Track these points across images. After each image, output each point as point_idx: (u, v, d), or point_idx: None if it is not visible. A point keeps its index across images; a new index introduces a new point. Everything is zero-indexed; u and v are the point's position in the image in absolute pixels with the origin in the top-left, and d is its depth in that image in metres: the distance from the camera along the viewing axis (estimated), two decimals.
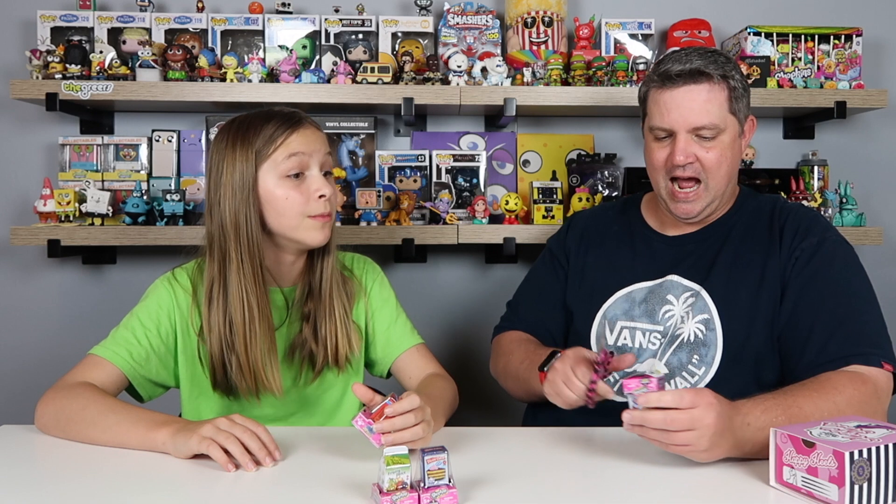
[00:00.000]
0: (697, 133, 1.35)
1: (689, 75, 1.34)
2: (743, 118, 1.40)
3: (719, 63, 1.36)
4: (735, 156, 1.40)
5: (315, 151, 1.31)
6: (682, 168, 1.36)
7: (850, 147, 2.23)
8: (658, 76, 1.38)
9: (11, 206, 2.12)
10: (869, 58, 2.16)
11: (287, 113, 1.33)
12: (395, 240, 1.93)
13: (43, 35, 1.99)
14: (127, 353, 1.29)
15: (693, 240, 1.45)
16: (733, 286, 1.37)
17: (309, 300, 1.39)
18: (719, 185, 1.38)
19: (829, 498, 0.93)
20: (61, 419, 1.20)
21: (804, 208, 1.46)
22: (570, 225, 1.63)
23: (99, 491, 1.02)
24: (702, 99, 1.34)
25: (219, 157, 1.31)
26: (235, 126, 1.32)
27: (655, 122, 1.39)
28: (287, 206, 1.29)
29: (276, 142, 1.29)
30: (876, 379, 1.22)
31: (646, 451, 1.17)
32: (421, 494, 0.94)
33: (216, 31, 2.03)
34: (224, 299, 1.29)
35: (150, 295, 1.35)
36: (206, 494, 1.01)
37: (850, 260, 1.36)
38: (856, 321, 1.28)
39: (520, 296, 1.63)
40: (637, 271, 1.46)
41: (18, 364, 2.14)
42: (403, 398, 1.10)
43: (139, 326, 1.31)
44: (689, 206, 1.39)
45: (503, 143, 2.16)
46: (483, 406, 2.16)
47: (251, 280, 1.28)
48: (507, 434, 1.30)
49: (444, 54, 2.03)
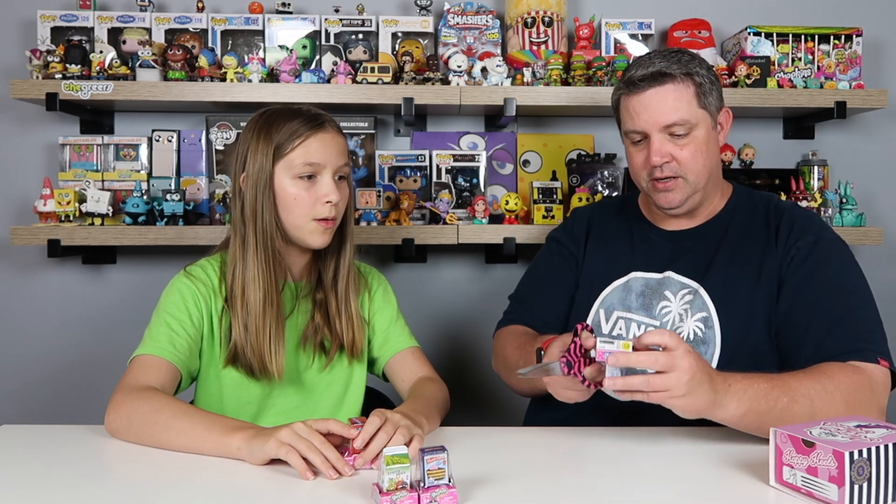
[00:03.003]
0: (670, 132, 1.38)
1: (653, 78, 1.38)
2: (715, 111, 1.43)
3: (683, 62, 1.39)
4: (712, 149, 1.42)
5: (330, 158, 1.36)
6: (659, 168, 1.39)
7: (850, 147, 2.23)
8: (624, 83, 1.42)
9: (11, 206, 2.11)
10: (869, 58, 2.16)
11: (312, 115, 1.37)
12: (395, 240, 1.93)
13: (43, 35, 1.99)
14: (171, 346, 1.30)
15: (690, 236, 1.46)
16: (731, 285, 1.37)
17: (319, 291, 1.44)
18: (699, 179, 1.40)
19: (828, 498, 0.93)
20: (134, 423, 1.19)
21: (799, 207, 1.47)
22: (574, 217, 1.65)
23: (99, 491, 1.02)
24: (669, 98, 1.37)
25: (244, 147, 1.38)
26: (264, 118, 1.37)
27: (628, 127, 1.43)
28: (295, 205, 1.35)
29: (294, 143, 1.34)
30: (871, 372, 1.22)
31: (646, 451, 1.17)
32: (421, 494, 0.94)
33: (216, 31, 2.03)
34: (243, 281, 1.34)
35: (170, 292, 1.37)
36: (206, 494, 1.01)
37: (846, 258, 1.37)
38: (852, 318, 1.28)
39: (525, 287, 1.63)
40: (636, 262, 1.47)
41: (18, 364, 2.14)
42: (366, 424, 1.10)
43: (172, 320, 1.33)
44: (670, 195, 1.41)
45: (503, 143, 2.16)
46: (483, 406, 2.17)
47: (265, 267, 1.34)
48: (507, 434, 1.30)
49: (444, 54, 2.03)
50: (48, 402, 2.13)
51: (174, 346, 1.30)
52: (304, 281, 1.45)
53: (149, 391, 1.22)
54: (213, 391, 1.38)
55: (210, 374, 1.38)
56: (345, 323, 1.42)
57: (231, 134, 2.04)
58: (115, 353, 2.13)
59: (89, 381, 2.13)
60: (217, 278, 1.38)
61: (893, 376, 1.26)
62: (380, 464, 0.96)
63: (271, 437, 1.07)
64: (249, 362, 1.34)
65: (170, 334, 1.31)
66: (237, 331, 1.34)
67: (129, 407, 1.20)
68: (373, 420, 1.10)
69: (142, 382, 1.24)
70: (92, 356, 2.13)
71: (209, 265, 1.41)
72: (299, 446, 1.05)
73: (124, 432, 1.20)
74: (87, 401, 2.11)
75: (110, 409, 1.22)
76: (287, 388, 1.40)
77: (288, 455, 1.05)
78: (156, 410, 1.18)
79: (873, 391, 1.21)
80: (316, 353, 1.42)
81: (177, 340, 1.31)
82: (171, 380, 1.28)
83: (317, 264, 1.46)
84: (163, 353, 1.29)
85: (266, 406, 1.40)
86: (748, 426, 1.16)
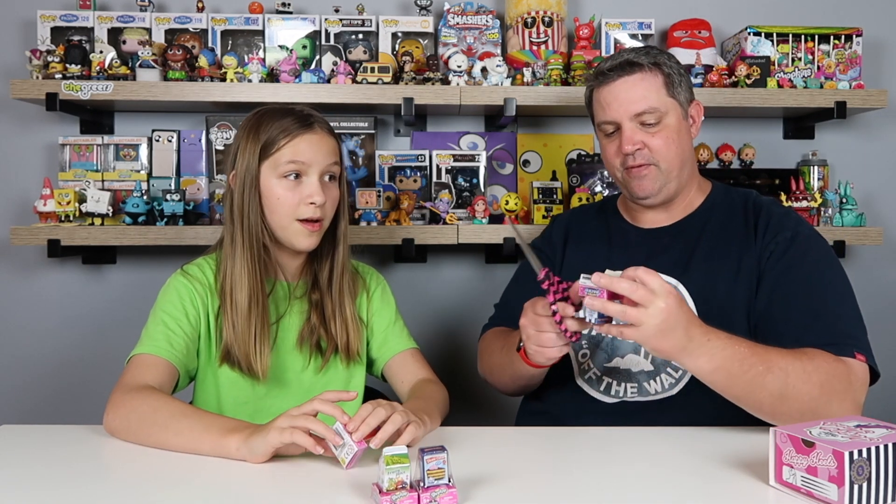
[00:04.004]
0: (641, 120, 1.41)
1: (621, 67, 1.41)
2: (685, 101, 1.45)
3: (651, 54, 1.43)
4: (684, 139, 1.44)
5: (316, 158, 1.35)
6: (632, 157, 1.41)
7: (850, 147, 2.23)
8: (594, 75, 1.47)
9: (11, 206, 2.11)
10: (869, 58, 2.16)
11: (302, 115, 1.37)
12: (395, 240, 1.93)
13: (43, 35, 1.99)
14: (168, 345, 1.30)
15: (668, 233, 1.47)
16: (711, 280, 1.38)
17: (315, 291, 1.43)
18: (671, 167, 1.42)
19: (828, 497, 0.93)
20: (132, 423, 1.18)
21: (777, 204, 1.48)
22: (552, 224, 1.68)
23: (99, 491, 1.02)
24: (638, 87, 1.40)
25: (236, 144, 1.39)
26: (256, 117, 1.38)
27: (600, 118, 1.45)
28: (278, 205, 1.35)
29: (280, 143, 1.33)
30: (851, 365, 1.22)
31: (646, 451, 1.17)
32: (420, 494, 0.94)
33: (216, 31, 2.03)
34: (231, 279, 1.34)
35: (167, 291, 1.37)
36: (206, 494, 1.01)
37: (824, 253, 1.38)
38: (830, 314, 1.29)
39: (508, 293, 1.65)
40: (613, 262, 1.46)
41: (18, 364, 2.14)
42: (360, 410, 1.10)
43: (169, 319, 1.33)
44: (644, 182, 1.42)
45: (503, 143, 2.16)
46: (483, 406, 2.17)
47: (251, 266, 1.34)
48: (508, 433, 1.30)
49: (444, 54, 2.03)
50: (48, 402, 2.14)
51: (171, 344, 1.30)
52: (300, 281, 1.45)
53: (147, 390, 1.22)
54: (211, 390, 1.38)
55: (207, 373, 1.38)
56: (339, 325, 1.42)
57: (231, 134, 2.04)
58: (115, 353, 2.13)
59: (89, 381, 2.13)
60: (213, 277, 1.39)
61: (873, 372, 1.26)
62: (380, 464, 0.96)
63: (270, 429, 1.07)
64: (239, 361, 1.34)
65: (167, 333, 1.31)
66: (227, 329, 1.34)
67: (128, 407, 1.20)
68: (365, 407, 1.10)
69: (140, 382, 1.24)
70: (92, 356, 2.13)
71: (206, 264, 1.41)
72: (300, 424, 1.06)
73: (123, 432, 1.19)
74: (87, 401, 2.12)
75: (109, 409, 1.22)
76: (284, 389, 1.40)
77: (293, 436, 1.05)
78: (154, 410, 1.18)
79: (851, 383, 1.21)
80: (312, 353, 1.42)
81: (174, 339, 1.31)
82: (168, 379, 1.28)
83: (312, 265, 1.46)
84: (160, 351, 1.29)
85: (263, 406, 1.39)
86: (716, 383, 1.17)
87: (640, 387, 1.38)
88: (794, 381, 1.16)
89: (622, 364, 1.39)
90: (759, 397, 1.17)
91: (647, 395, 1.37)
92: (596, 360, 1.42)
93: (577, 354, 1.45)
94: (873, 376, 1.26)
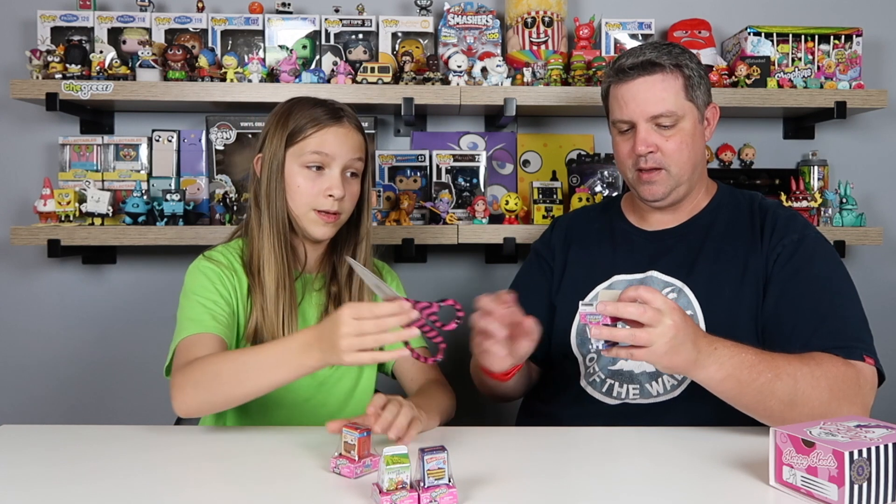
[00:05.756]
0: (656, 122, 1.39)
1: (642, 67, 1.39)
2: (702, 105, 1.43)
3: (673, 54, 1.40)
4: (697, 142, 1.42)
5: (340, 153, 1.37)
6: (644, 159, 1.40)
7: (850, 147, 2.23)
8: (614, 71, 1.43)
9: (11, 206, 2.11)
10: (869, 58, 2.16)
11: (333, 108, 1.39)
12: (395, 240, 1.93)
13: (43, 35, 1.99)
14: (213, 320, 1.30)
15: (673, 235, 1.47)
16: (716, 282, 1.38)
17: (334, 284, 1.45)
18: (682, 171, 1.41)
19: (828, 497, 0.93)
20: (202, 388, 1.18)
21: (783, 206, 1.48)
22: (554, 226, 1.66)
23: (99, 491, 1.02)
24: (657, 88, 1.38)
25: (266, 129, 1.41)
26: (289, 105, 1.40)
27: (616, 116, 1.44)
28: (297, 193, 1.37)
29: (307, 132, 1.36)
30: (859, 368, 1.22)
31: (647, 451, 1.17)
32: (421, 494, 0.94)
33: (216, 31, 2.03)
34: (259, 261, 1.36)
35: (194, 275, 1.37)
36: (206, 494, 1.01)
37: (830, 257, 1.38)
38: (837, 317, 1.29)
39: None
40: (618, 265, 1.47)
41: (18, 364, 2.13)
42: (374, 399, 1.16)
43: (205, 299, 1.33)
44: (654, 187, 1.41)
45: (503, 143, 2.16)
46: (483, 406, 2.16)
47: (278, 250, 1.36)
48: (508, 433, 1.30)
49: (444, 54, 2.03)
50: (48, 402, 2.13)
51: (216, 319, 1.30)
52: (319, 273, 1.46)
53: (199, 358, 1.21)
54: None
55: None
56: None
57: (231, 134, 2.04)
58: (116, 353, 2.15)
59: (89, 381, 2.12)
60: (236, 261, 1.39)
61: (880, 375, 1.26)
62: (380, 464, 0.96)
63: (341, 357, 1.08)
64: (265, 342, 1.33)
65: (208, 310, 1.31)
66: (257, 310, 1.35)
67: (192, 378, 1.19)
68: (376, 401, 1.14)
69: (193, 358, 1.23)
70: (92, 356, 2.13)
71: (227, 250, 1.41)
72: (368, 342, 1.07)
73: (198, 403, 1.20)
74: (87, 400, 2.11)
75: (175, 393, 1.21)
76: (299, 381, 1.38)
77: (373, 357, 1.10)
78: (224, 360, 1.19)
79: (860, 387, 1.21)
80: None
81: (217, 314, 1.31)
82: (221, 349, 1.28)
83: (332, 258, 1.47)
84: (207, 328, 1.29)
85: (277, 396, 1.36)
86: (727, 392, 1.16)
87: (642, 388, 1.37)
88: (803, 386, 1.16)
89: (626, 366, 1.39)
90: (769, 405, 1.16)
91: (648, 396, 1.37)
92: (601, 362, 1.42)
93: (585, 358, 1.45)
94: (879, 379, 1.26)
